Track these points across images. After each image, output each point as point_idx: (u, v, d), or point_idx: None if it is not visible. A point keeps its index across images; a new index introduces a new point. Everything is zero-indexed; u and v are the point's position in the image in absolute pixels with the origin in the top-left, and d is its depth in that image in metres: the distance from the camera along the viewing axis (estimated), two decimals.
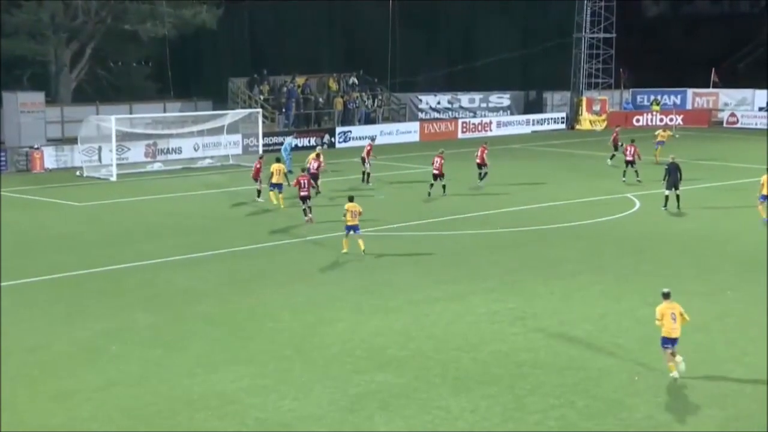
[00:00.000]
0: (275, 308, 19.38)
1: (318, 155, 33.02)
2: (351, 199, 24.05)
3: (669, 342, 15.10)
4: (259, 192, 31.53)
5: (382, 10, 54.01)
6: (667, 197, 29.49)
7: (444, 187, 32.49)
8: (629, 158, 35.07)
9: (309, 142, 46.84)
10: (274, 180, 30.21)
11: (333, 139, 47.71)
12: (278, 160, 32.41)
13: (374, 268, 22.77)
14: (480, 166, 34.74)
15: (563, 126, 56.13)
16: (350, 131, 48.58)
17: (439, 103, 55.49)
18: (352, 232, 23.69)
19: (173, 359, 16.30)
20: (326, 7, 58.37)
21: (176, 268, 22.78)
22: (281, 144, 45.18)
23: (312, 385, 15.10)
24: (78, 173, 37.93)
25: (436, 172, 32.39)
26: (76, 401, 14.45)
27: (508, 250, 24.84)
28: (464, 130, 52.66)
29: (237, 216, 29.49)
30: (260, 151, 38.59)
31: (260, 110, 43.52)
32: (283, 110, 49.46)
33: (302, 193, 27.53)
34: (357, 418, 13.89)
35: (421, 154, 42.28)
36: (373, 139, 40.33)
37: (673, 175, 29.24)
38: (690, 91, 59.66)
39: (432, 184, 32.43)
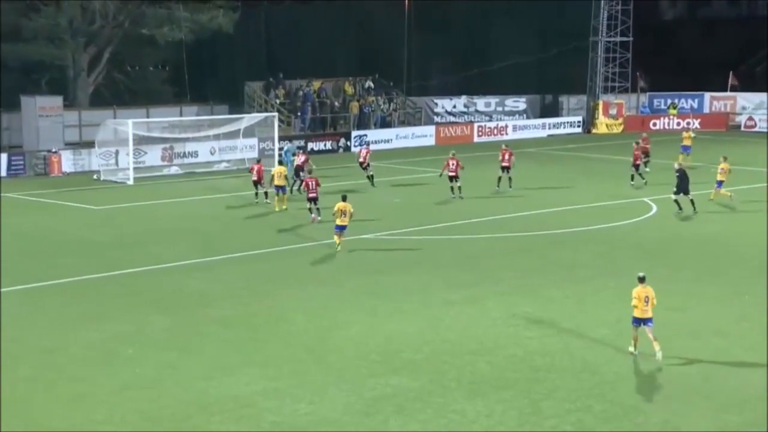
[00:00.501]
0: (290, 311, 19.36)
1: (304, 153, 34.20)
2: (344, 199, 24.55)
3: (639, 321, 16.35)
4: (266, 194, 31.70)
5: (398, 13, 54.01)
6: (677, 202, 29.44)
7: (459, 188, 32.45)
8: (638, 162, 35.18)
9: (324, 145, 46.89)
10: (276, 182, 30.34)
11: (348, 143, 47.70)
12: (280, 163, 32.57)
13: (389, 272, 22.72)
14: (505, 169, 34.25)
15: (579, 130, 55.91)
16: (366, 135, 48.54)
17: (454, 106, 55.41)
18: (340, 232, 24.31)
19: (188, 362, 16.30)
20: (342, 11, 58.44)
21: (191, 271, 22.81)
22: (297, 148, 45.40)
23: (327, 389, 15.06)
24: (95, 177, 38.09)
25: (452, 174, 32.33)
26: (92, 404, 14.47)
27: (524, 253, 24.73)
28: (480, 133, 52.54)
29: (252, 219, 29.51)
30: (276, 155, 38.58)
31: (276, 114, 43.58)
32: (299, 114, 49.52)
33: (311, 195, 27.90)
34: (372, 422, 13.84)
35: (437, 158, 42.11)
36: (367, 144, 40.11)
37: (683, 182, 29.33)
38: (707, 95, 59.31)
39: (453, 187, 32.44)
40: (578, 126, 56.22)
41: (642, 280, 16.56)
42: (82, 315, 19.06)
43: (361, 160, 36.02)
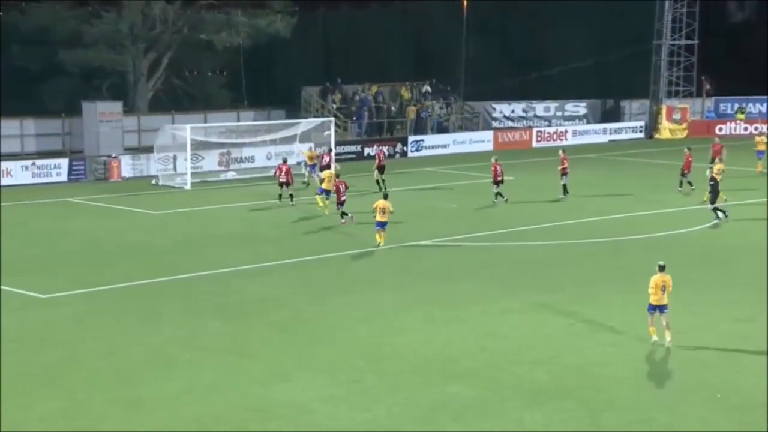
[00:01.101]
0: (346, 317, 19.46)
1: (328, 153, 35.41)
2: (385, 197, 26.03)
3: (655, 308, 17.15)
4: (291, 196, 32.44)
5: (455, 16, 53.91)
6: (716, 210, 29.22)
7: (500, 194, 32.57)
8: (686, 169, 34.80)
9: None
10: (324, 186, 30.67)
11: (405, 149, 47.75)
12: (328, 166, 32.83)
13: (446, 278, 22.70)
14: (562, 175, 34.03)
15: (642, 135, 55.18)
16: (423, 140, 48.57)
17: (513, 111, 55.12)
18: (381, 228, 25.55)
19: (245, 367, 16.48)
20: (398, 15, 58.54)
21: (249, 276, 23.05)
22: (353, 153, 45.65)
23: (384, 396, 15.10)
24: (153, 182, 38.70)
25: (499, 179, 32.53)
26: (150, 408, 14.70)
27: (583, 261, 24.50)
28: (539, 139, 52.19)
29: (308, 225, 29.70)
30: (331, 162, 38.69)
31: (333, 119, 43.81)
32: (355, 119, 49.74)
33: (342, 198, 28.68)
34: (429, 430, 13.83)
35: None
36: (382, 150, 40.04)
37: (716, 191, 29.32)
38: None
39: (498, 193, 32.57)
40: (640, 131, 55.49)
41: (662, 268, 17.30)
42: (140, 319, 19.39)
43: (381, 163, 36.22)
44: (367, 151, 45.99)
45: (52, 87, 47.09)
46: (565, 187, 33.85)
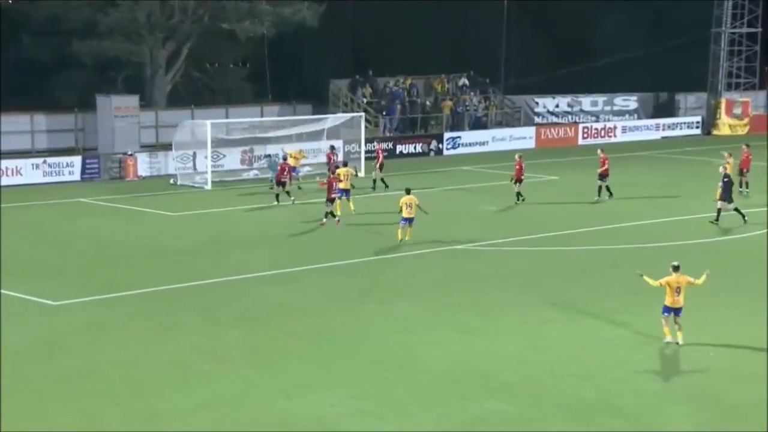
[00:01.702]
0: (375, 327, 19.54)
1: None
2: (408, 192, 26.72)
3: (670, 311, 17.90)
4: (288, 193, 32.87)
5: (495, 4, 53.85)
6: (719, 210, 29.18)
7: (520, 194, 32.56)
8: (744, 167, 34.55)
9: (414, 148, 47.03)
10: (342, 185, 30.92)
11: (440, 146, 47.79)
12: (345, 164, 32.97)
13: (483, 286, 22.71)
14: (603, 176, 33.89)
15: (698, 131, 54.79)
16: (459, 137, 48.57)
17: (557, 106, 54.94)
18: (407, 224, 26.46)
19: (268, 380, 16.62)
20: (434, 2, 58.51)
21: (272, 282, 23.22)
22: (384, 151, 45.53)
23: (415, 412, 15.15)
24: (172, 181, 39.02)
25: (522, 177, 32.81)
26: (167, 422, 14.86)
27: (632, 267, 24.31)
28: (585, 135, 51.97)
29: (335, 228, 29.83)
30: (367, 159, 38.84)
31: (363, 114, 43.95)
32: (386, 114, 49.79)
33: (333, 195, 29.29)
34: None
35: (537, 162, 41.95)
36: (382, 148, 39.98)
37: (728, 190, 29.21)
38: None
39: (518, 193, 32.69)
40: (697, 127, 55.08)
41: (676, 268, 17.77)
42: (157, 327, 19.61)
43: (379, 162, 36.57)
44: (399, 148, 46.08)
45: (64, 80, 47.65)
46: (607, 188, 33.64)
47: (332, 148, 39.00)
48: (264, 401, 15.63)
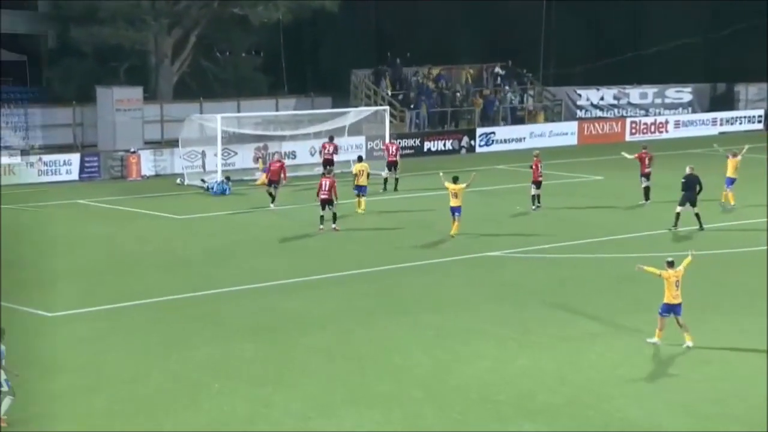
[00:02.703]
0: (402, 341, 19.59)
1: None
2: (455, 180, 28.04)
3: (669, 309, 18.64)
4: (273, 197, 33.13)
5: None
6: (678, 215, 29.09)
7: (538, 197, 32.48)
8: None
9: (444, 145, 47.07)
10: (358, 182, 31.33)
11: (473, 142, 47.81)
12: (360, 159, 33.06)
13: (520, 296, 22.72)
14: (645, 177, 33.72)
15: (760, 126, 54.52)
16: (494, 133, 48.57)
17: (602, 98, 54.82)
18: (456, 215, 27.74)
19: (283, 399, 16.70)
20: None
21: (288, 292, 23.33)
22: (411, 148, 45.74)
23: None
24: (178, 181, 39.24)
25: (540, 179, 32.52)
26: None
27: (686, 277, 24.26)
28: (633, 131, 51.84)
29: (356, 232, 29.92)
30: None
31: (387, 108, 43.96)
32: (413, 107, 49.81)
33: (322, 196, 28.99)
34: None
35: (580, 160, 41.94)
36: (393, 142, 40.02)
37: (690, 191, 29.12)
38: None
39: (536, 196, 32.56)
40: (759, 121, 54.83)
41: (671, 264, 18.70)
42: (164, 341, 19.76)
43: (392, 159, 36.70)
44: (427, 145, 46.14)
45: (61, 70, 47.93)
46: (646, 190, 33.45)
47: (331, 138, 38.94)
48: (279, 423, 15.73)
